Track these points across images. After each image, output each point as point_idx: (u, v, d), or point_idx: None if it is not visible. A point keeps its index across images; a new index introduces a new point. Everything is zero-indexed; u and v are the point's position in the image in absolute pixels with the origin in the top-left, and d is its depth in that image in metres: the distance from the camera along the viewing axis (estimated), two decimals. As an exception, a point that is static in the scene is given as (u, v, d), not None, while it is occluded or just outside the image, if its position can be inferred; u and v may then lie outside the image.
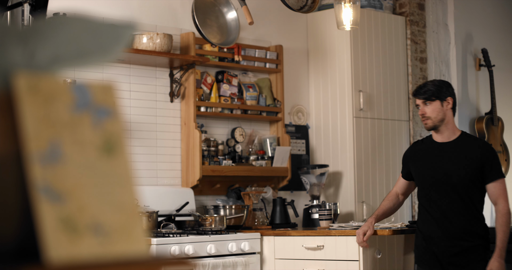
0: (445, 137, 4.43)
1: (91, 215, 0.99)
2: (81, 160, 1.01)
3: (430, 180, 4.39)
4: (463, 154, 4.35)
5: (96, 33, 1.06)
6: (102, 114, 1.05)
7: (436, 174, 4.36)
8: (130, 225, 1.02)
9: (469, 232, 4.30)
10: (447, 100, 4.39)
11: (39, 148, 0.98)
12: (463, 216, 4.31)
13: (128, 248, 1.01)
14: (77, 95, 1.04)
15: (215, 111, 5.78)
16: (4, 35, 1.02)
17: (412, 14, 6.83)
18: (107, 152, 1.04)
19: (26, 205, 0.96)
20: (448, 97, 4.40)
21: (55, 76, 1.03)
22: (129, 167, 1.05)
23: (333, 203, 5.85)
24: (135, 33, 1.13)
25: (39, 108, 1.00)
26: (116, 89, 1.08)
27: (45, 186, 0.97)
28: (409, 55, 6.73)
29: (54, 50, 1.03)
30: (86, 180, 1.01)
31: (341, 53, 6.28)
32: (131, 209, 1.03)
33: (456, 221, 4.31)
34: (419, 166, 4.48)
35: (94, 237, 0.98)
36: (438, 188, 4.35)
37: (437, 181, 4.35)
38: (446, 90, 4.42)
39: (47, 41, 1.03)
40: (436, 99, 4.38)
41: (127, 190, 1.04)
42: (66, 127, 1.01)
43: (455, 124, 4.50)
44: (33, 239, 0.97)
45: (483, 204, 4.41)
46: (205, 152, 5.65)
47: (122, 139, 1.06)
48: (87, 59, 1.05)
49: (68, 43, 1.04)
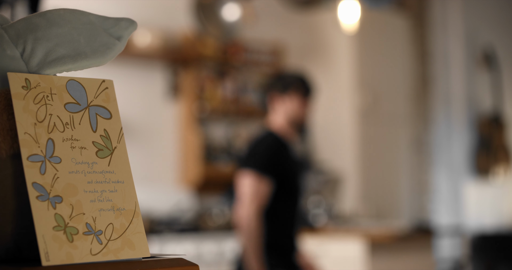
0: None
1: (89, 215, 0.99)
2: (78, 160, 1.00)
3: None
4: None
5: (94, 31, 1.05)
6: (99, 114, 1.04)
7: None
8: (128, 225, 1.02)
9: None
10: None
11: (36, 149, 0.97)
12: None
13: (127, 249, 1.00)
14: (74, 94, 1.03)
15: (214, 110, 5.77)
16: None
17: (417, 12, 6.82)
18: (104, 152, 1.03)
19: (24, 206, 0.96)
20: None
21: (51, 76, 1.03)
22: (127, 167, 1.04)
23: (333, 202, 5.85)
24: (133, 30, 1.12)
25: (35, 108, 0.99)
26: (114, 88, 1.07)
27: (42, 187, 0.96)
28: (413, 53, 6.72)
29: (51, 49, 1.02)
30: (84, 181, 1.00)
31: (344, 51, 6.28)
32: (129, 210, 1.02)
33: None
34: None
35: (92, 238, 0.98)
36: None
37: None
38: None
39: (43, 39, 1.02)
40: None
41: (125, 190, 1.03)
42: (63, 127, 1.01)
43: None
44: (31, 240, 0.96)
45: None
46: (203, 152, 5.65)
47: (120, 139, 1.05)
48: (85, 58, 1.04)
49: (65, 42, 1.03)
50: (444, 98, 7.20)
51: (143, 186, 5.31)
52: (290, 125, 3.83)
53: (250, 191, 3.58)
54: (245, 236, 3.53)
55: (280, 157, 3.71)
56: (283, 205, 3.69)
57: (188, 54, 5.58)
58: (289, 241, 3.71)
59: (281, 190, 3.67)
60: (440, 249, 6.80)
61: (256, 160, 3.64)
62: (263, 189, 3.60)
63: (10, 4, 2.56)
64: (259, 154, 3.67)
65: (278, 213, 3.67)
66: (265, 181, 3.61)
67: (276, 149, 3.71)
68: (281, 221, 3.69)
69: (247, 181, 3.60)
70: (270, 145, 3.71)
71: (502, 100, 7.31)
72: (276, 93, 3.82)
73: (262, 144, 3.72)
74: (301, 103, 3.81)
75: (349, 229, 5.22)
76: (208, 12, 5.26)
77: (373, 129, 6.33)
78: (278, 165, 3.68)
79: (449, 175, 7.34)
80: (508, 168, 7.40)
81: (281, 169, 3.69)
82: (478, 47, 7.34)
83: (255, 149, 3.72)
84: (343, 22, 5.40)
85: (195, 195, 5.66)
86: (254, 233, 3.52)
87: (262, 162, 3.63)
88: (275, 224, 3.66)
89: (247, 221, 3.53)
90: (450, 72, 7.16)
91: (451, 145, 7.31)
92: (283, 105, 3.80)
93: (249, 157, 3.70)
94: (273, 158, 3.68)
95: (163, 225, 5.15)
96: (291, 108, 3.79)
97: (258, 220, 3.55)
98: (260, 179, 3.59)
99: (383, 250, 4.82)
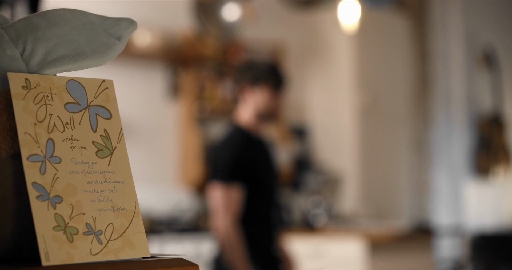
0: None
1: (89, 215, 0.99)
2: (78, 160, 1.00)
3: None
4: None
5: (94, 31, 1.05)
6: (99, 114, 1.04)
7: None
8: (128, 225, 1.02)
9: None
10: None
11: (36, 149, 0.97)
12: None
13: (127, 249, 1.00)
14: (74, 94, 1.03)
15: (214, 110, 5.77)
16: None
17: (417, 12, 6.82)
18: (104, 152, 1.03)
19: (24, 206, 0.96)
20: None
21: (51, 76, 1.03)
22: (127, 167, 1.04)
23: (333, 202, 5.85)
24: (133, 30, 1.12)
25: (35, 108, 0.99)
26: (114, 88, 1.07)
27: (42, 187, 0.96)
28: (413, 53, 6.72)
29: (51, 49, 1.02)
30: (84, 181, 1.00)
31: (344, 51, 6.28)
32: (129, 210, 1.02)
33: None
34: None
35: (92, 238, 0.98)
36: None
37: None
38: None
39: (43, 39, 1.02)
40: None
41: (125, 190, 1.03)
42: (63, 127, 1.01)
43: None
44: (31, 240, 0.96)
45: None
46: (203, 152, 5.65)
47: (120, 139, 1.05)
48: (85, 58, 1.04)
49: (65, 42, 1.03)
50: (444, 98, 7.20)
51: (143, 186, 5.31)
52: (260, 118, 3.69)
53: (222, 202, 3.50)
54: (227, 248, 3.48)
55: (247, 157, 3.61)
56: (260, 205, 3.63)
57: (188, 54, 5.58)
58: (270, 241, 3.64)
59: (254, 191, 3.60)
60: (440, 249, 6.80)
61: (221, 170, 3.55)
62: (234, 197, 3.53)
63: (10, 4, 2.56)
64: (222, 161, 3.57)
65: (256, 215, 3.61)
66: (235, 188, 3.54)
67: (242, 150, 3.61)
68: (260, 221, 3.64)
69: (217, 193, 3.52)
70: (235, 147, 3.60)
71: (502, 100, 7.31)
72: (247, 84, 3.67)
73: (227, 147, 3.61)
74: (272, 96, 3.66)
75: (349, 229, 5.22)
76: (208, 12, 5.25)
77: (373, 129, 6.33)
78: (246, 167, 3.59)
79: (449, 175, 7.34)
80: (508, 168, 7.40)
81: (249, 169, 3.60)
82: (478, 47, 7.34)
83: (219, 155, 3.61)
84: (343, 22, 5.40)
85: (195, 195, 5.66)
86: (235, 242, 3.47)
87: (228, 170, 3.54)
88: (255, 226, 3.61)
89: (225, 233, 3.47)
90: (450, 72, 7.16)
91: (451, 145, 7.31)
92: (253, 97, 3.66)
93: (215, 166, 3.61)
94: (238, 162, 3.58)
95: (163, 225, 5.15)
96: (261, 100, 3.65)
97: (236, 230, 3.50)
98: (228, 188, 3.52)
99: (383, 250, 4.82)
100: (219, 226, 3.49)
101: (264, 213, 3.64)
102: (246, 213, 3.59)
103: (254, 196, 3.60)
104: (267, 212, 3.65)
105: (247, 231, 3.57)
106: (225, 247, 3.48)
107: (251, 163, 3.61)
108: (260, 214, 3.63)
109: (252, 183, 3.58)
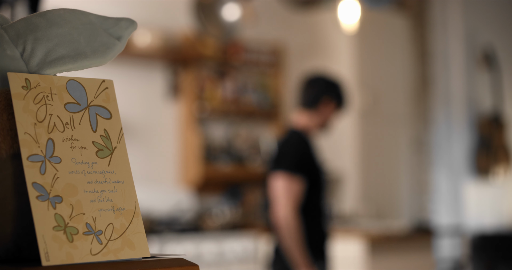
0: None
1: (89, 215, 0.99)
2: (78, 160, 1.00)
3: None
4: None
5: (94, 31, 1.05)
6: (99, 114, 1.04)
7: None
8: (128, 225, 1.02)
9: None
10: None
11: (36, 149, 0.97)
12: None
13: (127, 249, 1.00)
14: (74, 94, 1.03)
15: (214, 110, 5.77)
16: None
17: (417, 12, 6.82)
18: (104, 152, 1.03)
19: (24, 206, 0.96)
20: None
21: (51, 76, 1.02)
22: (127, 167, 1.04)
23: (333, 202, 5.84)
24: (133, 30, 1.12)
25: (35, 108, 0.99)
26: (114, 88, 1.07)
27: (42, 187, 0.96)
28: (413, 53, 6.72)
29: (51, 49, 1.02)
30: (84, 181, 1.00)
31: (344, 51, 6.27)
32: (129, 210, 1.02)
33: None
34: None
35: (92, 238, 0.98)
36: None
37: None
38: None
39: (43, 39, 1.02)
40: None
41: (125, 190, 1.03)
42: (63, 127, 1.01)
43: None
44: (31, 240, 0.96)
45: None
46: (203, 152, 5.65)
47: (120, 139, 1.05)
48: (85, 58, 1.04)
49: (65, 42, 1.03)
50: (444, 98, 7.20)
51: (143, 186, 5.30)
52: (320, 128, 3.97)
53: (284, 192, 3.68)
54: (286, 236, 3.64)
55: (307, 155, 3.83)
56: (316, 199, 3.82)
57: (188, 54, 5.58)
58: (324, 233, 3.85)
59: (312, 185, 3.79)
60: (440, 249, 6.80)
61: (286, 161, 3.75)
62: (296, 188, 3.71)
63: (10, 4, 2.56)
64: (287, 154, 3.78)
65: (312, 207, 3.80)
66: (297, 180, 3.72)
67: (303, 147, 3.83)
68: (315, 214, 3.82)
69: (279, 183, 3.70)
70: (297, 144, 3.83)
71: (502, 100, 7.31)
72: (328, 98, 3.94)
73: (289, 144, 3.84)
74: (336, 113, 3.99)
75: (349, 229, 5.22)
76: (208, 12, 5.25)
77: (373, 129, 6.33)
78: (307, 162, 3.80)
79: (449, 175, 7.34)
80: (508, 168, 7.40)
81: (310, 165, 3.81)
82: (478, 47, 7.34)
83: (283, 150, 3.83)
84: (343, 22, 5.40)
85: (195, 195, 5.66)
86: (294, 231, 3.64)
87: (292, 161, 3.75)
88: (311, 217, 3.79)
89: (286, 222, 3.64)
90: (450, 72, 7.16)
91: (451, 145, 7.30)
92: (326, 110, 3.93)
93: (278, 158, 3.81)
94: (301, 156, 3.80)
95: (163, 225, 5.15)
96: (330, 115, 3.95)
97: (296, 219, 3.66)
98: (291, 178, 3.70)
99: (383, 250, 4.82)
100: (280, 214, 3.65)
101: (319, 207, 3.84)
102: (305, 205, 3.77)
103: (312, 190, 3.79)
104: (322, 207, 3.86)
105: (306, 221, 3.75)
106: (284, 235, 3.64)
107: (312, 160, 3.84)
108: (316, 207, 3.82)
109: (312, 177, 3.79)
